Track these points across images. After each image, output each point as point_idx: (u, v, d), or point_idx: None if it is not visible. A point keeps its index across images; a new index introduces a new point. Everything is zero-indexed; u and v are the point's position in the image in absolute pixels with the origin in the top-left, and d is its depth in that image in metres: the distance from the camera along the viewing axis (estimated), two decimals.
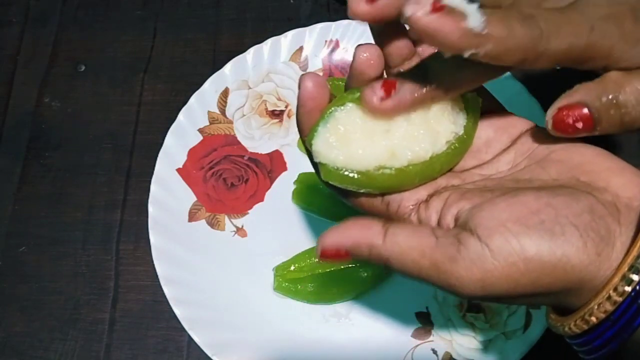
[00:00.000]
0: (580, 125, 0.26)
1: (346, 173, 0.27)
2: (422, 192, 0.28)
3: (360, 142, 0.27)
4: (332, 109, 0.27)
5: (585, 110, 0.26)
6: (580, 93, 0.27)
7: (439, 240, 0.25)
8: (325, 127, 0.27)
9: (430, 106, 0.27)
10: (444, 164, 0.28)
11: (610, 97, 0.26)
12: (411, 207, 0.28)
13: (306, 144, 0.28)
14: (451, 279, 0.24)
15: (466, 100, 0.28)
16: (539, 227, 0.24)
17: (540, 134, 0.28)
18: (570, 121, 0.26)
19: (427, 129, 0.27)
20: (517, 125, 0.29)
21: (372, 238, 0.26)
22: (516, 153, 0.29)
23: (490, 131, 0.29)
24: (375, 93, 0.26)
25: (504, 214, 0.24)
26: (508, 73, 0.47)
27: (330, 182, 0.28)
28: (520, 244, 0.23)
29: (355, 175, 0.27)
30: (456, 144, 0.28)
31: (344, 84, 0.29)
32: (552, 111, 0.27)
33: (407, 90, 0.26)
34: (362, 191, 0.29)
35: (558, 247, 0.23)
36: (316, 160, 0.28)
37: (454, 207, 0.26)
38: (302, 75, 0.28)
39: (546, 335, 0.43)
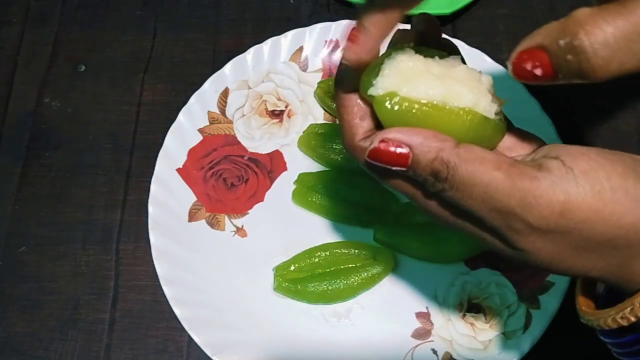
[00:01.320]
0: (539, 72, 0.24)
1: (416, 99, 0.25)
2: None
3: (422, 79, 0.26)
4: (390, 51, 0.27)
5: (543, 55, 0.23)
6: (541, 34, 0.23)
7: (517, 162, 0.23)
8: (388, 65, 0.26)
9: (479, 77, 0.27)
10: (495, 130, 0.27)
11: (568, 39, 0.22)
12: None
13: (363, 87, 0.27)
14: (528, 197, 0.22)
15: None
16: (623, 164, 0.23)
17: (558, 145, 0.27)
18: (529, 67, 0.24)
19: (478, 88, 0.27)
20: (535, 139, 0.29)
21: (443, 141, 0.24)
22: (536, 155, 0.28)
23: (510, 141, 0.29)
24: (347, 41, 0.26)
25: (584, 149, 0.23)
26: (508, 73, 0.47)
27: (397, 109, 0.26)
28: (606, 172, 0.22)
29: (424, 107, 0.25)
30: (501, 121, 0.28)
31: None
32: (513, 55, 0.24)
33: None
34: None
35: None
36: (380, 91, 0.26)
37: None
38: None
39: (546, 335, 0.43)
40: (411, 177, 0.26)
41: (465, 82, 0.26)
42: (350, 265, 0.46)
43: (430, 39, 0.29)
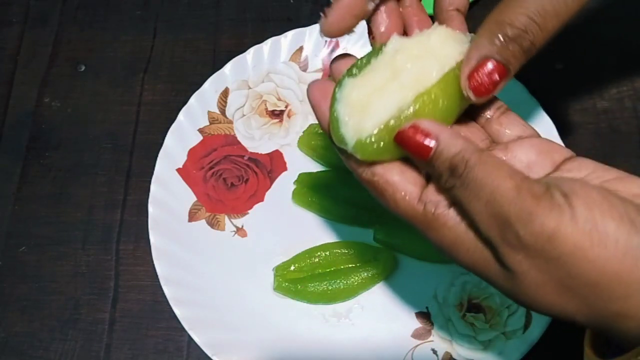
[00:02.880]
0: (497, 77, 0.26)
1: (376, 132, 0.26)
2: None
3: (375, 99, 0.27)
4: (332, 104, 0.28)
5: (491, 62, 0.26)
6: (475, 49, 0.27)
7: (529, 178, 0.24)
8: (340, 111, 0.27)
9: (429, 37, 0.28)
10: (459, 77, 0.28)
11: (500, 36, 0.26)
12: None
13: (338, 145, 0.28)
14: (525, 211, 0.23)
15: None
16: (622, 210, 0.23)
17: (585, 163, 0.27)
18: (487, 80, 0.26)
19: (431, 54, 0.27)
20: (559, 151, 0.28)
21: (470, 143, 0.25)
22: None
23: (532, 154, 0.28)
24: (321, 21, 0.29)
25: (590, 188, 0.24)
26: None
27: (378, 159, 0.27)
28: (602, 214, 0.23)
29: (382, 126, 0.26)
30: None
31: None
32: (465, 84, 0.27)
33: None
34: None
35: (636, 237, 0.22)
36: (352, 144, 0.27)
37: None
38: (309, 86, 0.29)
39: (546, 335, 0.43)
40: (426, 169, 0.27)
41: (417, 68, 0.27)
42: (350, 265, 0.46)
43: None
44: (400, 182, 0.27)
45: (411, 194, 0.27)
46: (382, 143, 0.26)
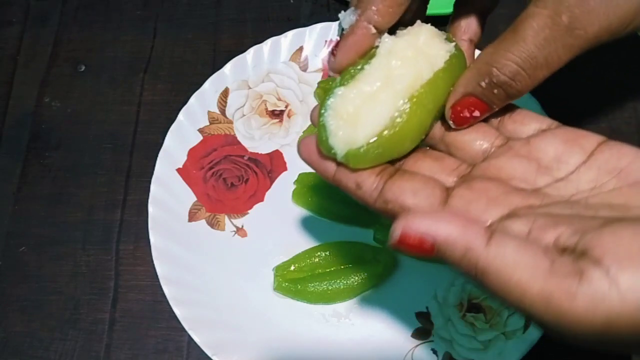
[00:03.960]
0: (477, 113, 0.27)
1: (372, 142, 0.26)
2: (492, 212, 0.24)
3: (366, 109, 0.27)
4: (321, 112, 0.28)
5: (474, 99, 0.27)
6: (462, 85, 0.27)
7: (555, 264, 0.20)
8: (329, 122, 0.27)
9: (418, 37, 0.28)
10: (447, 79, 0.28)
11: (487, 80, 0.26)
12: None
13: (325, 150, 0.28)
14: (565, 320, 0.20)
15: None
16: None
17: (624, 149, 0.25)
18: (467, 114, 0.27)
19: (422, 55, 0.27)
20: (588, 137, 0.26)
21: (472, 238, 0.21)
22: (599, 171, 0.25)
23: (558, 144, 0.26)
24: (330, 59, 0.29)
25: (634, 243, 0.20)
26: None
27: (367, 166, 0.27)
28: None
29: (376, 137, 0.26)
30: (453, 59, 0.28)
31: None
32: (448, 113, 0.28)
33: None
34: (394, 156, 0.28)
35: None
36: (342, 154, 0.27)
37: (550, 232, 0.22)
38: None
39: (546, 335, 0.43)
40: None
41: (406, 70, 0.27)
42: (350, 265, 0.46)
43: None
44: (417, 205, 0.25)
45: None
46: (375, 152, 0.26)
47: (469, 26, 0.32)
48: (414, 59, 0.27)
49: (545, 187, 0.25)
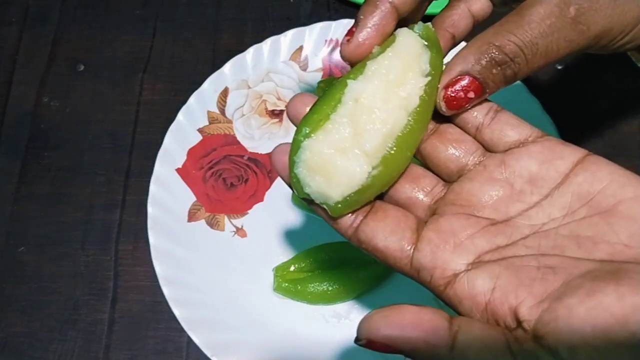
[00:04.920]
0: (472, 94, 0.26)
1: (347, 197, 0.26)
2: (458, 261, 0.25)
3: (340, 164, 0.26)
4: (294, 161, 0.26)
5: (470, 79, 0.26)
6: (458, 64, 0.27)
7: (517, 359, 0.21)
8: (302, 175, 0.26)
9: (387, 78, 0.26)
10: (423, 116, 0.27)
11: (487, 57, 0.26)
12: (446, 279, 0.25)
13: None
14: None
15: (426, 38, 0.28)
16: (633, 349, 0.20)
17: (599, 172, 0.25)
18: (462, 95, 0.26)
19: (394, 97, 0.26)
20: (565, 155, 0.25)
21: (437, 343, 0.22)
22: (572, 196, 0.25)
23: (532, 165, 0.26)
24: (344, 41, 0.27)
25: (586, 327, 0.20)
26: None
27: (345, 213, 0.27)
28: None
29: (353, 193, 0.26)
30: (425, 93, 0.27)
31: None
32: (441, 94, 0.27)
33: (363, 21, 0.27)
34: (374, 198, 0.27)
35: None
36: (320, 204, 0.26)
37: (511, 297, 0.23)
38: None
39: None
40: None
41: (394, 96, 0.26)
42: (350, 266, 0.46)
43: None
44: (388, 248, 0.26)
45: (401, 260, 0.26)
46: (352, 201, 0.26)
47: (457, 23, 0.31)
48: (385, 106, 0.26)
49: (516, 216, 0.25)
